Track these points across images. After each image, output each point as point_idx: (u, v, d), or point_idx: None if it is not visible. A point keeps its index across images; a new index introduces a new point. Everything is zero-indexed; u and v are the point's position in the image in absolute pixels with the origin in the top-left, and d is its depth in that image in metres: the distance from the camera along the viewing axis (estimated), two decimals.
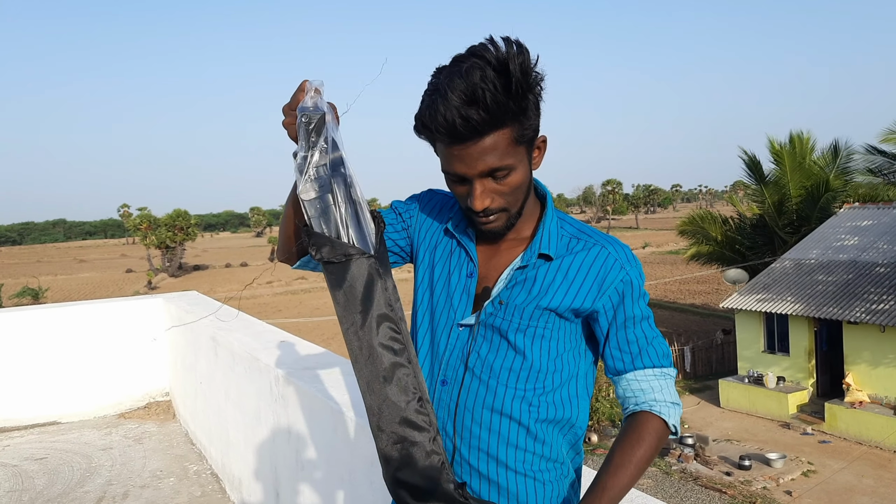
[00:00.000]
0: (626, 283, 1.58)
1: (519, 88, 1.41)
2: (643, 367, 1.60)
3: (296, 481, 3.63)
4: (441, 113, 1.42)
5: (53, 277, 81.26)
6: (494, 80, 1.39)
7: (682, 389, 27.31)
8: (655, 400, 1.58)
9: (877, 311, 21.32)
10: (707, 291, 49.80)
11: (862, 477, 18.80)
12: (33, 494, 5.12)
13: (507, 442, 1.58)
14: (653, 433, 1.56)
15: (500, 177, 1.49)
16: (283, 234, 1.74)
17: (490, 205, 1.52)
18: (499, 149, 1.46)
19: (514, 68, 1.39)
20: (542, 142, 1.59)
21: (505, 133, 1.45)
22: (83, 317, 7.16)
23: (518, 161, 1.50)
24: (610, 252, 1.59)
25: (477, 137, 1.44)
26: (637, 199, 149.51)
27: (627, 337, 1.60)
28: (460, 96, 1.40)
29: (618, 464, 1.51)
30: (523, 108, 1.45)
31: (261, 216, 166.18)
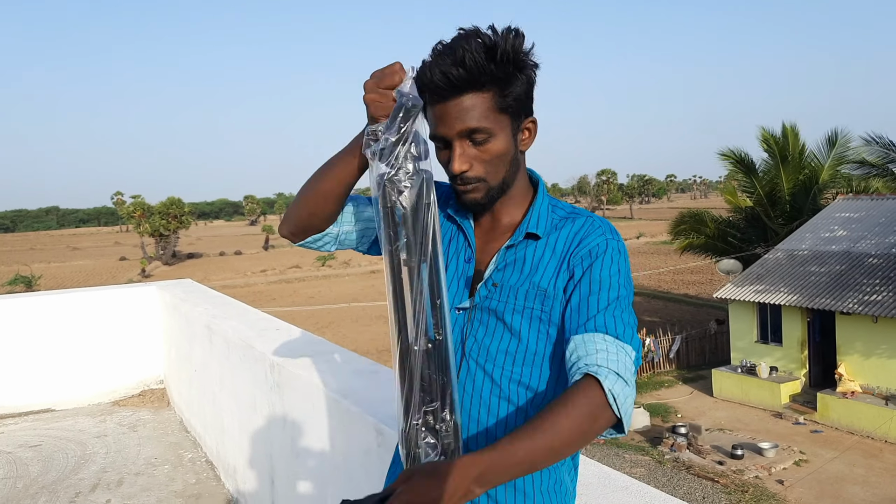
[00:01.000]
0: (602, 248, 1.55)
1: (504, 57, 1.47)
2: (595, 329, 1.47)
3: (291, 469, 3.63)
4: (425, 71, 1.50)
5: (46, 265, 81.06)
6: (478, 45, 1.47)
7: (676, 379, 27.40)
8: (598, 364, 1.40)
9: (869, 302, 21.39)
10: (701, 282, 49.90)
11: (853, 466, 18.90)
12: (28, 481, 5.12)
13: (504, 425, 1.58)
14: (584, 402, 1.37)
15: (478, 140, 1.53)
16: (313, 199, 1.72)
17: (468, 170, 1.55)
18: (477, 110, 1.50)
19: (501, 41, 1.47)
20: (532, 123, 1.61)
21: (485, 96, 1.50)
22: (77, 304, 7.15)
23: (499, 129, 1.53)
24: (594, 221, 1.61)
25: (456, 95, 1.50)
26: (631, 190, 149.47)
27: (589, 299, 1.51)
28: (443, 56, 1.49)
29: (526, 428, 1.33)
30: (506, 76, 1.50)
31: (255, 204, 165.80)
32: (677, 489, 17.71)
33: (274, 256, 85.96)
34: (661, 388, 26.30)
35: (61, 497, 4.84)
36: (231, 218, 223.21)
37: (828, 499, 17.18)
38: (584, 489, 1.99)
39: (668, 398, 25.20)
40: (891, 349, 21.21)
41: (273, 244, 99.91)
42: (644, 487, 2.03)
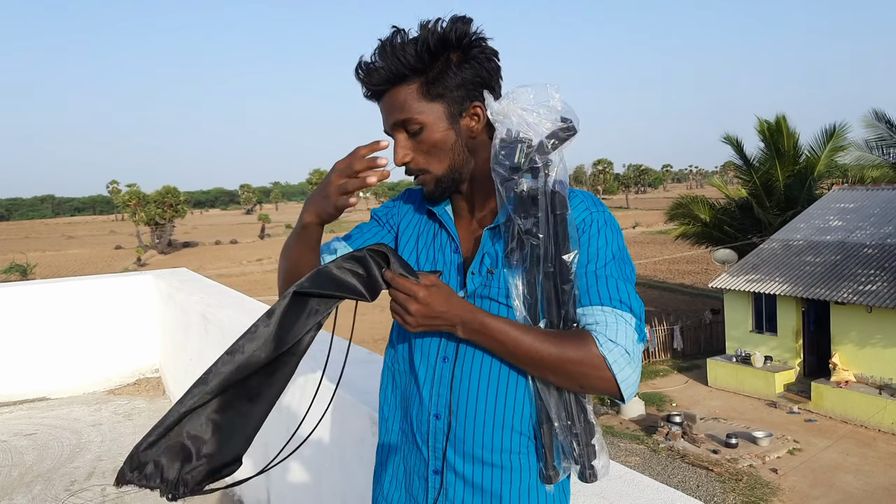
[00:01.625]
0: (589, 221, 1.54)
1: (424, 47, 1.50)
2: (590, 303, 1.47)
3: (286, 458, 3.64)
4: (355, 71, 1.58)
5: (42, 254, 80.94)
6: (402, 39, 1.51)
7: (671, 368, 27.46)
8: (596, 331, 1.44)
9: (864, 292, 21.44)
10: (696, 271, 49.95)
11: (847, 455, 18.98)
12: (23, 470, 5.12)
13: (504, 403, 1.56)
14: (580, 350, 1.42)
15: (412, 132, 1.56)
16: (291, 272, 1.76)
17: (409, 162, 1.58)
18: (404, 102, 1.54)
19: (426, 32, 1.50)
20: (479, 108, 1.58)
21: (410, 87, 1.54)
22: (73, 293, 7.14)
23: (433, 118, 1.55)
24: (576, 196, 1.59)
25: (385, 90, 1.56)
26: (627, 179, 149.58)
27: (578, 273, 1.50)
28: (372, 54, 1.55)
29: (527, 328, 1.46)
30: (432, 67, 1.52)
31: (251, 193, 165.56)
32: (672, 477, 17.77)
33: (270, 245, 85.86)
34: (656, 378, 26.37)
35: (56, 485, 4.84)
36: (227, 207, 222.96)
37: (821, 487, 17.25)
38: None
39: (663, 387, 25.26)
40: (885, 339, 21.27)
41: (269, 233, 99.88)
42: (638, 476, 2.03)
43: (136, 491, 4.72)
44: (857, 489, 17.07)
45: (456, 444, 1.59)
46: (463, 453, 1.58)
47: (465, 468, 1.58)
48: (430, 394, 1.63)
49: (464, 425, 1.58)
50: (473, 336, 1.47)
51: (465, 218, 1.70)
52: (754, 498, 16.76)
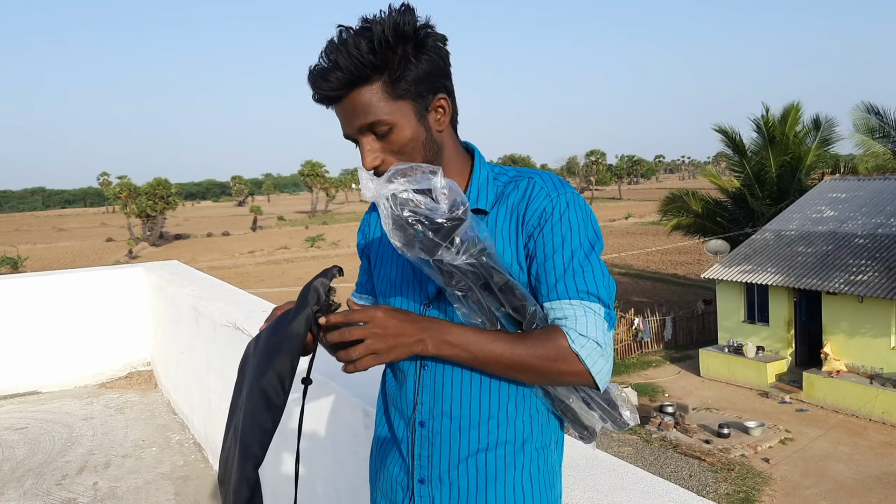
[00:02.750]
0: (549, 211, 1.50)
1: (382, 43, 1.43)
2: (557, 297, 1.46)
3: (278, 451, 3.63)
4: (309, 78, 1.50)
5: (32, 246, 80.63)
6: (353, 39, 1.43)
7: (663, 359, 27.55)
8: (566, 326, 1.44)
9: (855, 282, 21.52)
10: (688, 262, 50.07)
11: (838, 444, 19.08)
12: (14, 464, 5.11)
13: (478, 404, 1.55)
14: (549, 344, 1.42)
15: (381, 133, 1.49)
16: None
17: (380, 165, 1.51)
18: (370, 104, 1.47)
19: (380, 27, 1.42)
20: (444, 100, 1.55)
21: (373, 88, 1.46)
22: (64, 286, 7.11)
23: (400, 117, 1.49)
24: (536, 181, 1.54)
25: (342, 94, 1.47)
26: (620, 170, 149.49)
27: (545, 266, 1.48)
28: (321, 60, 1.47)
29: (492, 333, 1.45)
30: (392, 63, 1.45)
31: (242, 185, 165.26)
32: (664, 468, 17.84)
33: (262, 237, 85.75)
34: (648, 368, 26.45)
35: (48, 479, 4.83)
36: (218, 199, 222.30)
37: (813, 476, 17.35)
38: (571, 470, 1.99)
39: (655, 378, 25.34)
40: (876, 329, 21.37)
41: (261, 225, 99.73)
42: (631, 468, 2.03)
43: (128, 484, 4.72)
44: (848, 478, 17.17)
45: (441, 451, 1.57)
46: (448, 460, 1.57)
47: (451, 475, 1.56)
48: (416, 401, 1.61)
49: (449, 429, 1.57)
50: (442, 350, 1.43)
51: None
52: (746, 487, 16.84)
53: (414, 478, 1.60)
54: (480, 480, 1.55)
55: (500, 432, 1.55)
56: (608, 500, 1.85)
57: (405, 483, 1.63)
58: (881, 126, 27.56)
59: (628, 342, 28.09)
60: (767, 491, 16.74)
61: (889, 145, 28.47)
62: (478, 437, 1.55)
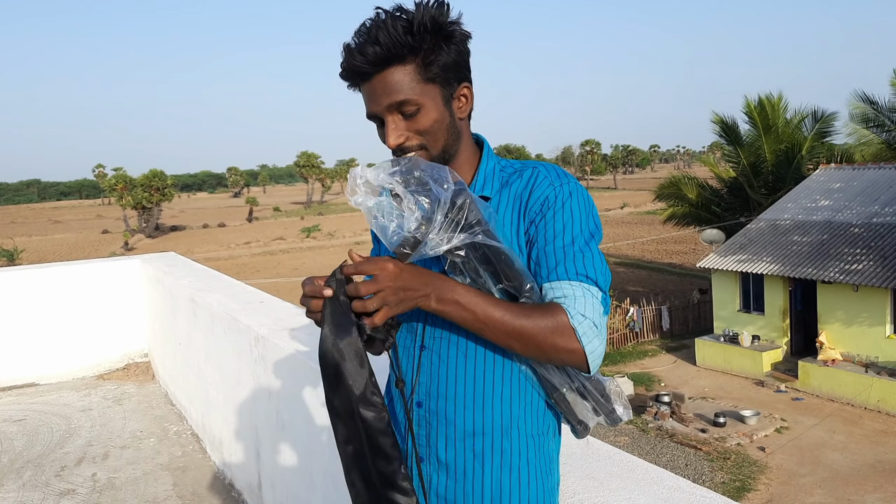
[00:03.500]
0: (552, 199, 1.54)
1: (420, 28, 1.48)
2: (557, 278, 1.49)
3: (277, 441, 3.65)
4: (345, 53, 1.54)
5: (28, 238, 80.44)
6: (392, 20, 1.48)
7: (659, 348, 27.60)
8: (566, 304, 1.46)
9: (850, 271, 21.56)
10: (684, 251, 50.13)
11: (833, 433, 19.15)
12: (13, 456, 5.12)
13: (473, 388, 1.58)
14: (550, 317, 1.44)
15: (408, 113, 1.54)
16: None
17: (405, 143, 1.56)
18: (401, 83, 1.52)
19: (419, 14, 1.48)
20: (467, 89, 1.61)
21: (407, 68, 1.51)
22: (61, 278, 7.11)
23: (428, 99, 1.54)
24: (540, 171, 1.59)
25: (378, 71, 1.52)
26: (615, 160, 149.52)
27: (546, 250, 1.52)
28: (359, 36, 1.51)
29: (497, 301, 1.47)
30: (427, 46, 1.51)
31: (238, 176, 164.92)
32: (660, 457, 17.90)
33: (258, 228, 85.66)
34: (644, 358, 26.51)
35: (46, 471, 4.84)
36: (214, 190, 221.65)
37: (808, 465, 17.42)
38: (568, 458, 2.01)
39: (651, 367, 25.40)
40: (871, 317, 21.43)
41: (257, 216, 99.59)
42: (627, 457, 2.05)
43: (126, 475, 4.74)
44: (843, 466, 17.24)
45: (438, 431, 1.60)
46: (445, 439, 1.59)
47: (448, 455, 1.59)
48: (412, 382, 1.64)
49: (445, 410, 1.60)
50: (445, 306, 1.44)
51: None
52: (742, 476, 16.91)
53: (414, 456, 1.64)
54: (477, 462, 1.57)
55: (496, 416, 1.57)
56: (604, 487, 1.87)
57: (408, 462, 1.65)
58: (875, 115, 27.62)
59: (623, 332, 28.14)
60: (763, 479, 16.81)
61: (883, 135, 28.54)
62: (472, 419, 1.57)
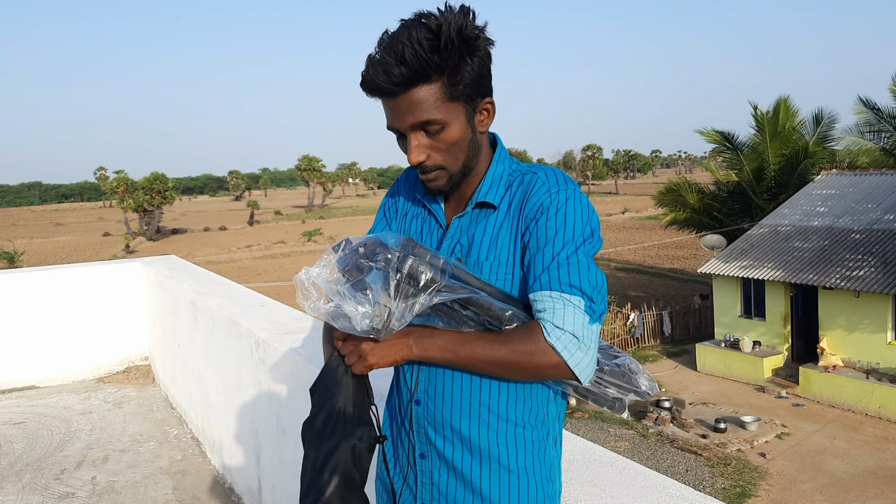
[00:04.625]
0: (546, 205, 1.52)
1: (448, 45, 1.44)
2: (540, 288, 1.47)
3: (277, 445, 3.64)
4: (367, 69, 1.50)
5: (29, 241, 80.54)
6: (419, 37, 1.44)
7: (660, 354, 27.58)
8: (543, 319, 1.45)
9: (852, 277, 21.54)
10: (685, 257, 50.10)
11: (834, 439, 19.12)
12: (12, 458, 5.11)
13: (468, 394, 1.59)
14: (525, 340, 1.46)
15: (432, 132, 1.52)
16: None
17: (425, 161, 1.55)
18: (426, 102, 1.49)
19: (447, 27, 1.43)
20: (489, 103, 1.59)
21: (433, 88, 1.48)
22: (62, 281, 7.10)
23: (452, 118, 1.52)
24: (539, 176, 1.57)
25: (401, 91, 1.48)
26: (617, 165, 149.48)
27: (535, 258, 1.50)
28: (384, 52, 1.47)
29: (474, 335, 1.51)
30: (452, 65, 1.47)
31: (239, 180, 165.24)
32: (661, 462, 17.87)
33: (259, 232, 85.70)
34: (645, 363, 26.45)
35: (46, 474, 4.83)
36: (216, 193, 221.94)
37: (809, 471, 17.38)
38: (570, 465, 2.00)
39: (652, 372, 25.15)
40: (872, 324, 21.40)
41: (258, 219, 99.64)
42: (629, 464, 2.04)
43: (126, 479, 4.72)
44: (844, 473, 17.21)
45: (437, 429, 1.61)
46: (444, 437, 1.60)
47: (446, 451, 1.60)
48: (411, 380, 1.66)
49: (443, 411, 1.60)
50: (427, 352, 1.51)
51: (451, 205, 1.71)
52: (742, 482, 16.87)
53: (415, 452, 1.66)
54: (475, 462, 1.58)
55: (492, 417, 1.57)
56: (606, 494, 1.86)
57: (409, 457, 1.68)
58: (877, 121, 27.63)
59: (625, 337, 28.11)
60: (764, 485, 16.77)
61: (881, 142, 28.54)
62: (469, 419, 1.58)
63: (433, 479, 1.63)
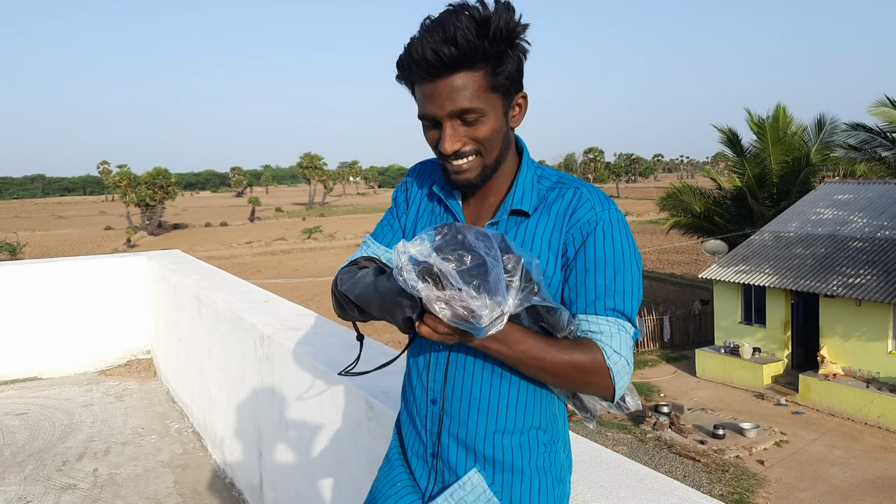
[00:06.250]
0: (594, 222, 1.52)
1: (497, 34, 1.42)
2: (594, 312, 1.49)
3: (279, 441, 3.64)
4: (415, 48, 1.45)
5: (31, 233, 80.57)
6: (469, 22, 1.41)
7: (659, 359, 27.56)
8: (602, 342, 1.46)
9: (853, 285, 21.53)
10: (686, 262, 50.09)
11: (833, 448, 19.11)
12: (14, 449, 5.11)
13: (496, 408, 1.58)
14: (588, 357, 1.45)
15: (470, 121, 1.49)
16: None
17: (462, 148, 1.52)
18: (469, 89, 1.46)
19: (496, 17, 1.42)
20: (523, 98, 1.58)
21: (476, 75, 1.46)
22: (65, 273, 7.11)
23: (491, 108, 1.50)
24: (583, 192, 1.56)
25: (446, 74, 1.46)
26: (618, 168, 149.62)
27: (587, 281, 1.50)
28: (434, 34, 1.43)
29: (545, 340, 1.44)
30: (498, 54, 1.45)
31: (241, 176, 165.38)
32: (659, 467, 17.85)
33: (259, 228, 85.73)
34: (644, 368, 26.46)
35: (48, 465, 4.84)
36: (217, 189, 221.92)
37: (807, 479, 17.38)
38: (576, 466, 2.00)
39: (651, 377, 25.35)
40: (873, 332, 21.39)
41: (259, 216, 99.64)
42: (635, 466, 2.04)
43: (128, 471, 4.73)
44: (843, 482, 17.20)
45: (451, 430, 1.60)
46: (457, 440, 1.60)
47: (459, 456, 1.59)
48: (428, 379, 1.65)
49: (458, 412, 1.59)
50: (486, 343, 1.42)
51: (471, 206, 1.68)
52: (741, 489, 16.87)
53: (428, 451, 1.66)
54: (487, 464, 1.57)
55: (509, 421, 1.57)
56: (613, 496, 1.86)
57: (422, 454, 1.68)
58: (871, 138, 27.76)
59: None
60: (762, 493, 16.76)
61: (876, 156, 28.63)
62: (486, 421, 1.57)
63: (444, 480, 1.62)
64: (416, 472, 1.70)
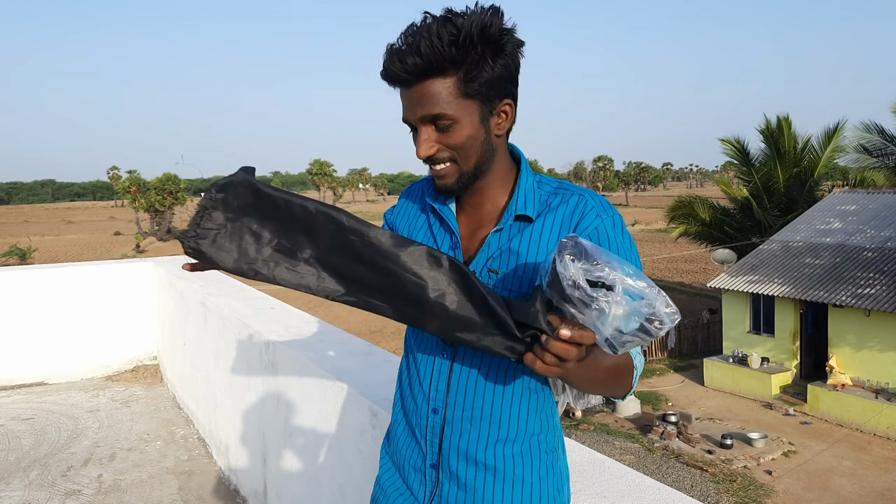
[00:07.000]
0: (601, 230, 1.52)
1: (467, 40, 1.42)
2: None
3: (283, 448, 3.64)
4: (385, 56, 1.48)
5: (41, 238, 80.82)
6: (439, 30, 1.42)
7: (667, 368, 27.48)
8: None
9: (862, 296, 21.44)
10: (695, 270, 49.94)
11: (842, 459, 19.01)
12: (20, 454, 5.12)
13: (499, 413, 1.57)
14: (625, 357, 1.43)
15: (442, 126, 1.49)
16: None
17: (435, 154, 1.52)
18: (438, 96, 1.46)
19: (468, 23, 1.41)
20: (508, 105, 1.55)
21: (447, 82, 1.46)
22: (73, 278, 7.13)
23: (464, 115, 1.49)
24: (588, 200, 1.56)
25: (418, 81, 1.47)
26: (627, 177, 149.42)
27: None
28: (401, 42, 1.46)
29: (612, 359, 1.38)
30: (471, 61, 1.45)
31: None
32: (666, 477, 17.79)
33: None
34: (652, 377, 26.39)
35: (53, 470, 4.84)
36: None
37: (815, 490, 17.28)
38: (580, 476, 1.99)
39: (659, 386, 25.28)
40: (882, 343, 21.29)
41: None
42: (639, 476, 2.03)
43: (132, 477, 4.73)
44: (851, 493, 17.10)
45: (451, 440, 1.59)
46: (458, 450, 1.59)
47: (459, 466, 1.58)
48: (430, 388, 1.63)
49: (461, 422, 1.58)
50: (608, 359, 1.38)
51: (467, 214, 1.66)
52: (748, 499, 16.79)
53: (427, 462, 1.64)
54: (489, 475, 1.56)
55: (511, 429, 1.57)
56: None
57: (420, 466, 1.66)
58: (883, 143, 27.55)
59: None
60: (769, 503, 16.69)
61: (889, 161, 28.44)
62: (488, 430, 1.57)
63: (443, 491, 1.61)
64: (414, 485, 1.68)
